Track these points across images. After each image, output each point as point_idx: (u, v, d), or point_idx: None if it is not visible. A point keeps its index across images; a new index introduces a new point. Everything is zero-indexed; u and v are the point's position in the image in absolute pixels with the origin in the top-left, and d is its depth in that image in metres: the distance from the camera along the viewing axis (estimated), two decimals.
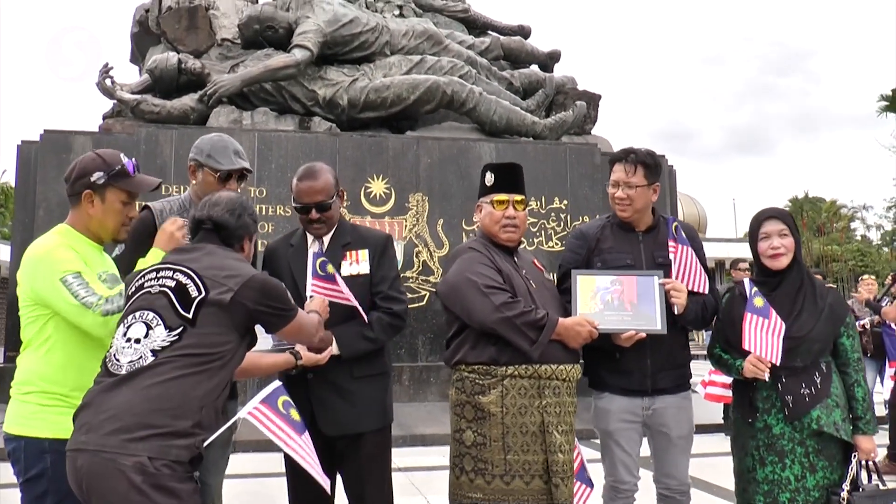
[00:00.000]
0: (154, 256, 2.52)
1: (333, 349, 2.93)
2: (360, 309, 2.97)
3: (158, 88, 10.69)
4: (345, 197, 3.26)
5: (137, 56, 12.76)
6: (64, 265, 2.37)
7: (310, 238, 3.17)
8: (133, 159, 2.62)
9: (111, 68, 10.51)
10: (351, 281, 3.03)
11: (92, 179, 2.50)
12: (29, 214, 9.58)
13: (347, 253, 3.11)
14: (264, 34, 10.96)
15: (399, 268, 3.26)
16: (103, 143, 9.68)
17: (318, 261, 2.96)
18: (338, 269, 3.02)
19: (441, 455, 3.03)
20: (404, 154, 10.35)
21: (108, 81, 10.41)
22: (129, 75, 16.02)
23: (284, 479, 3.15)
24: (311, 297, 2.93)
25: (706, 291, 3.20)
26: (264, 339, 2.83)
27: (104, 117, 10.83)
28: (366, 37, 11.08)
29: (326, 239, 3.14)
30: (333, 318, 2.95)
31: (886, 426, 8.19)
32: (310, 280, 2.96)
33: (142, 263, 2.50)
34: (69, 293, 2.33)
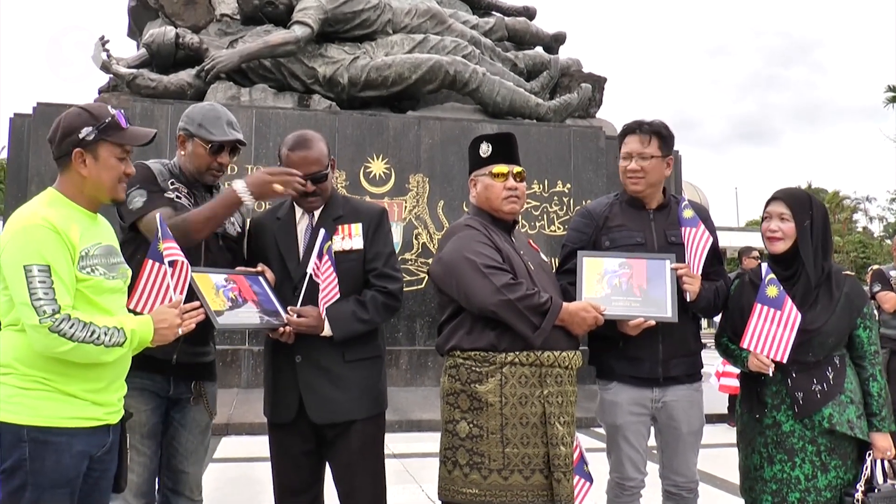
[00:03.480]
0: (141, 324, 2.27)
1: (326, 330, 2.75)
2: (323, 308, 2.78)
3: (155, 63, 10.54)
4: (335, 166, 3.06)
5: (135, 30, 12.58)
6: (35, 251, 2.09)
7: (298, 211, 2.97)
8: (122, 111, 2.37)
9: (107, 42, 10.35)
10: (343, 257, 2.84)
11: (81, 136, 2.23)
12: (21, 189, 9.43)
13: (339, 227, 2.89)
14: (264, 10, 10.80)
15: (396, 249, 3.05)
16: None
17: (327, 244, 2.78)
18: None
19: (437, 442, 2.86)
20: (405, 134, 10.19)
21: (104, 55, 10.24)
22: (125, 49, 15.76)
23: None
24: (309, 274, 2.76)
25: (698, 271, 2.98)
26: (250, 313, 2.67)
27: (100, 91, 10.69)
28: (367, 14, 10.91)
29: (317, 212, 2.94)
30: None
31: None
32: (313, 257, 2.77)
33: (126, 324, 2.22)
34: (26, 287, 2.08)
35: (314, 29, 10.27)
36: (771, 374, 2.81)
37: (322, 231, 2.83)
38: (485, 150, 2.93)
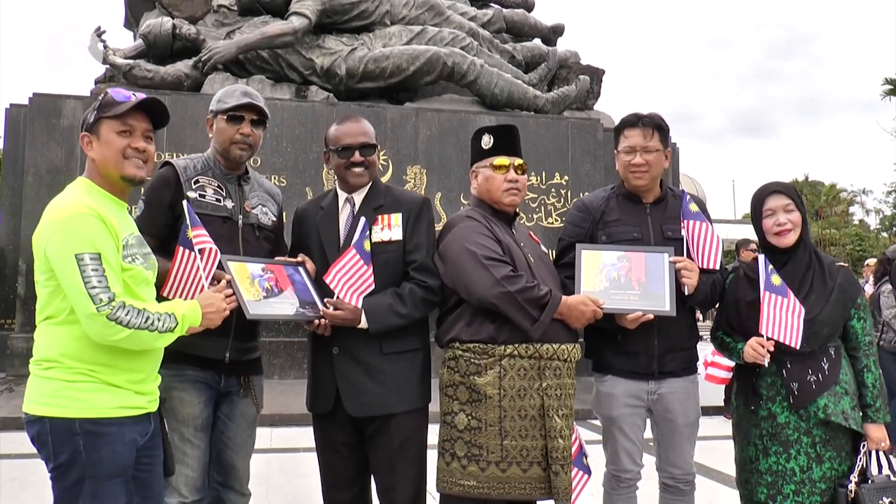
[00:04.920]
0: (190, 309, 2.28)
1: (362, 323, 2.73)
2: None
3: (152, 54, 10.52)
4: (380, 156, 3.04)
5: (131, 21, 12.54)
6: (84, 240, 2.07)
7: (341, 200, 2.95)
8: (133, 94, 2.32)
9: (104, 32, 10.32)
10: (382, 248, 2.82)
11: (86, 121, 2.28)
12: (18, 180, 9.43)
13: (379, 217, 2.87)
14: (261, 1, 10.78)
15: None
16: None
17: (367, 241, 2.77)
18: (368, 234, 2.83)
19: (435, 434, 2.86)
20: (403, 126, 10.19)
21: (100, 45, 10.20)
22: (122, 40, 15.75)
23: (272, 455, 3.00)
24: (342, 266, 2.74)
25: (717, 267, 3.02)
26: (285, 304, 2.65)
27: (96, 82, 10.66)
28: (365, 6, 10.91)
29: (358, 200, 2.92)
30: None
31: None
32: (353, 243, 2.75)
33: (176, 310, 2.23)
34: (80, 276, 2.04)
35: (312, 20, 10.26)
36: (766, 365, 2.82)
37: (362, 220, 2.81)
38: (486, 141, 2.93)
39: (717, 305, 3.17)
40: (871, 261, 9.06)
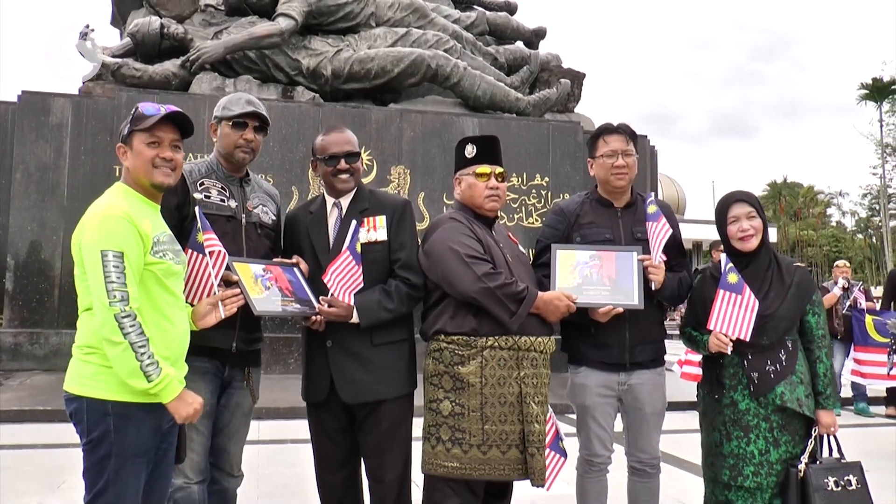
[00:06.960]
0: (173, 382, 2.36)
1: (354, 318, 2.93)
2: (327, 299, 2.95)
3: (140, 53, 10.54)
4: (363, 159, 3.26)
5: (118, 19, 12.54)
6: (112, 238, 2.27)
7: (329, 205, 3.14)
8: (162, 107, 2.48)
9: (92, 30, 10.35)
10: (369, 248, 3.03)
11: (121, 134, 2.49)
12: (5, 177, 9.45)
13: (365, 219, 3.07)
14: (248, 1, 10.85)
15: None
16: (83, 106, 9.54)
17: (358, 242, 2.96)
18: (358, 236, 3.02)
19: (419, 423, 3.07)
20: (387, 126, 10.31)
21: (88, 44, 10.24)
22: (109, 38, 15.75)
23: (260, 446, 3.15)
24: (333, 271, 2.93)
25: (660, 256, 3.16)
26: (285, 301, 2.82)
27: (84, 80, 10.67)
28: (351, 7, 10.99)
29: (345, 204, 3.12)
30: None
31: (850, 406, 8.75)
32: (346, 246, 2.95)
33: (165, 370, 2.31)
34: (101, 270, 2.24)
35: (298, 21, 10.33)
36: (730, 353, 3.03)
37: (354, 222, 3.00)
38: (469, 150, 3.14)
39: (685, 302, 3.41)
40: (841, 262, 9.32)
